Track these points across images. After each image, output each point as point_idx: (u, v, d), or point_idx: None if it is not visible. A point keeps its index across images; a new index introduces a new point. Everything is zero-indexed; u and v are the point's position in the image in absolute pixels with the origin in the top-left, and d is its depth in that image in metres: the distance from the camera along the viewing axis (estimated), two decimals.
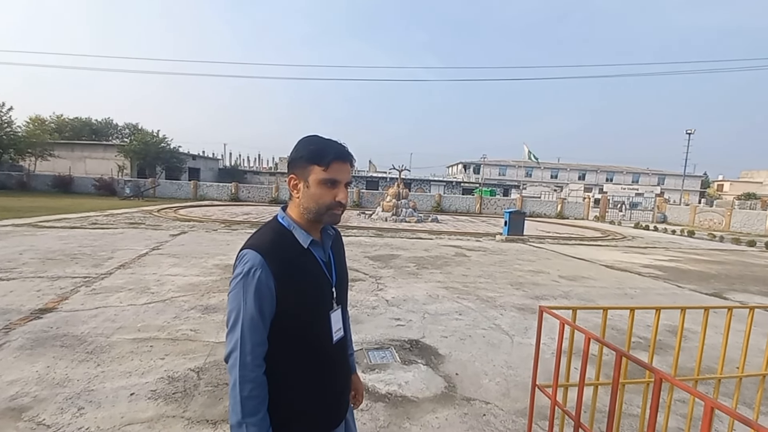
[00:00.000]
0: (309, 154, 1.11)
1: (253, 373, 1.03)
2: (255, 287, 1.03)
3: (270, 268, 1.04)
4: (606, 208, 31.48)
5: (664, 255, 12.28)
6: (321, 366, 1.17)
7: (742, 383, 2.76)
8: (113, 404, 2.73)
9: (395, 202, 18.92)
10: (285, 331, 1.09)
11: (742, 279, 8.95)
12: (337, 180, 1.11)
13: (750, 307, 2.66)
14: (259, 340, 1.05)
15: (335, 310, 1.21)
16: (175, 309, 4.76)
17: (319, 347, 1.17)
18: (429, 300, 5.71)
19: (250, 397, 1.02)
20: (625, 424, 2.83)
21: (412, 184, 41.08)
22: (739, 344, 2.73)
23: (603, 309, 2.40)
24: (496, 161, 59.85)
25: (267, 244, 1.09)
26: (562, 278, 7.83)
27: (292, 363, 1.12)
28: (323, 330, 1.17)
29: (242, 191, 29.94)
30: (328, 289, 1.19)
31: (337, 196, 1.12)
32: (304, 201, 1.13)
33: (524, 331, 4.61)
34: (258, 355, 1.05)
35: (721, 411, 1.30)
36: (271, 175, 48.79)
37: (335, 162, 1.10)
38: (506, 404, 3.05)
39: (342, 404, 1.28)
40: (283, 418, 1.10)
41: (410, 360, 3.71)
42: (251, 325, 1.03)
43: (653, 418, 1.53)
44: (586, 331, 1.91)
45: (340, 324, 1.23)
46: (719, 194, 59.05)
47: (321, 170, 1.09)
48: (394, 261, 8.62)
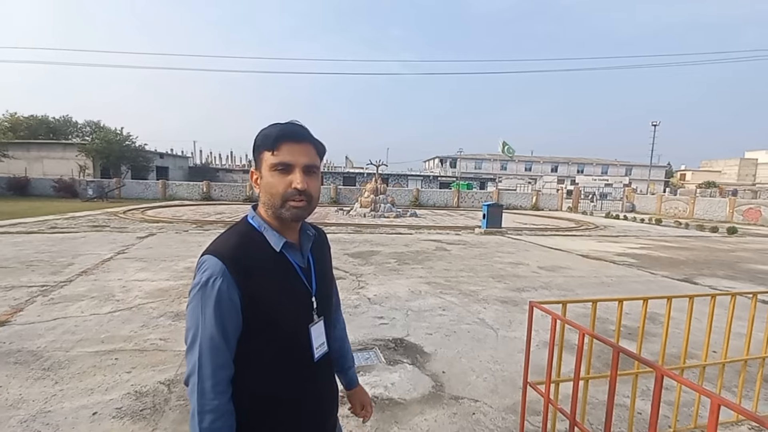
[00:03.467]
0: (259, 140, 0.99)
1: (215, 402, 0.89)
2: (215, 300, 0.88)
3: (233, 277, 0.90)
4: (578, 199, 32.41)
5: (635, 243, 12.69)
6: (300, 387, 1.02)
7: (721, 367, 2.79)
8: (73, 426, 2.49)
9: (373, 197, 18.77)
10: (254, 350, 0.95)
11: (709, 264, 9.33)
12: (288, 163, 0.95)
13: (732, 294, 2.68)
14: (222, 363, 0.90)
15: (316, 322, 1.04)
16: (142, 317, 4.46)
17: (298, 366, 1.01)
18: (412, 296, 5.62)
19: (212, 429, 0.88)
20: (614, 414, 2.81)
21: (390, 179, 40.96)
22: (716, 329, 2.75)
23: (592, 302, 2.35)
24: (472, 155, 60.59)
25: (230, 248, 0.94)
26: (541, 269, 7.92)
27: (264, 386, 0.97)
28: (301, 346, 1.01)
29: (214, 190, 29.07)
30: (307, 299, 1.03)
31: (292, 182, 0.95)
32: (262, 195, 0.99)
33: (508, 324, 4.58)
34: (220, 381, 0.90)
35: (727, 408, 1.24)
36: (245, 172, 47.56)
37: (284, 143, 0.95)
38: (495, 401, 2.99)
39: (326, 424, 1.12)
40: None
41: (395, 360, 3.60)
42: (211, 346, 0.89)
43: (655, 416, 1.47)
44: (580, 326, 1.84)
45: (322, 339, 1.07)
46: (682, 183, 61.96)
47: (270, 155, 0.96)
48: (375, 257, 8.50)
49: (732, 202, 24.63)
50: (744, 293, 2.77)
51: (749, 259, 10.21)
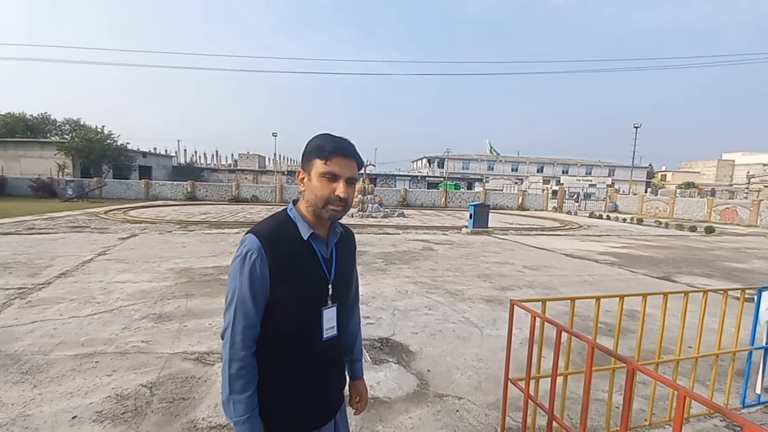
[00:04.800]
0: (312, 149, 1.14)
1: (242, 353, 1.08)
2: (249, 270, 1.07)
3: (266, 254, 1.08)
4: (563, 199, 32.96)
5: (617, 242, 12.98)
6: (307, 360, 1.17)
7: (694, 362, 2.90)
8: (52, 430, 2.44)
9: (361, 197, 18.77)
10: (276, 318, 1.12)
11: (687, 262, 9.62)
12: (336, 174, 1.12)
13: (704, 290, 2.78)
14: (250, 323, 1.09)
15: (329, 307, 1.20)
16: (124, 319, 4.39)
17: (308, 341, 1.17)
18: (398, 296, 5.65)
19: (238, 375, 1.07)
20: (592, 409, 2.89)
21: (378, 179, 41.00)
22: (690, 325, 2.85)
23: (571, 299, 2.42)
24: (459, 155, 61.04)
25: (267, 230, 1.13)
26: (526, 268, 8.05)
27: (278, 351, 1.14)
28: (313, 324, 1.17)
29: (199, 190, 28.59)
30: (324, 284, 1.19)
31: (336, 190, 1.13)
32: (307, 194, 1.16)
33: (493, 323, 4.65)
34: (248, 336, 1.09)
35: (693, 399, 1.30)
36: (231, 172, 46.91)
37: (335, 156, 1.12)
38: (478, 398, 3.04)
39: (330, 403, 1.27)
40: (268, 404, 1.12)
41: (381, 359, 3.62)
42: (243, 307, 1.08)
43: (626, 408, 1.52)
44: (558, 323, 1.89)
45: (333, 322, 1.22)
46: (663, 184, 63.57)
47: (322, 163, 1.12)
48: (362, 257, 8.50)
49: (710, 202, 25.39)
50: (715, 290, 2.87)
51: (725, 258, 10.55)
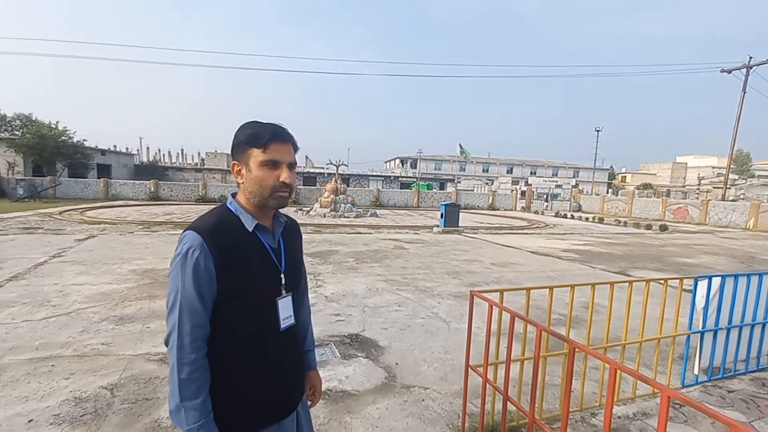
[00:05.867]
0: (246, 138, 1.11)
1: (192, 356, 1.02)
2: (193, 268, 1.02)
3: (210, 250, 1.04)
4: (531, 199, 34.11)
5: (579, 240, 13.61)
6: (266, 352, 1.15)
7: (642, 347, 3.14)
8: None
9: (333, 197, 18.71)
10: (228, 314, 1.08)
11: (642, 258, 10.23)
12: (277, 161, 1.11)
13: (646, 280, 3.02)
14: (199, 323, 1.04)
15: (284, 297, 1.19)
16: (82, 322, 4.22)
17: (265, 333, 1.15)
18: (369, 293, 5.72)
19: (189, 380, 1.02)
20: (549, 393, 3.07)
21: (351, 179, 40.93)
22: (640, 314, 3.08)
23: (526, 290, 2.57)
24: (432, 156, 61.85)
25: (209, 225, 1.09)
26: (493, 265, 8.32)
27: (235, 348, 1.11)
28: (269, 316, 1.15)
29: (163, 189, 27.48)
30: (276, 274, 1.17)
31: (280, 176, 1.11)
32: (248, 186, 1.13)
33: (460, 317, 4.81)
34: (197, 338, 1.04)
35: (623, 372, 1.45)
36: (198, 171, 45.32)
37: (273, 142, 1.10)
38: (444, 387, 3.16)
39: (291, 395, 1.25)
40: (224, 404, 1.09)
41: (350, 354, 3.68)
42: (189, 307, 1.02)
43: (569, 384, 1.66)
44: (511, 310, 2.02)
45: (289, 311, 1.20)
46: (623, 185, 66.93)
47: (260, 152, 1.10)
48: (333, 256, 8.52)
49: (664, 202, 27.02)
50: (655, 279, 3.12)
51: (676, 253, 11.30)
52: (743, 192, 39.62)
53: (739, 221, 22.08)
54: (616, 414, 2.83)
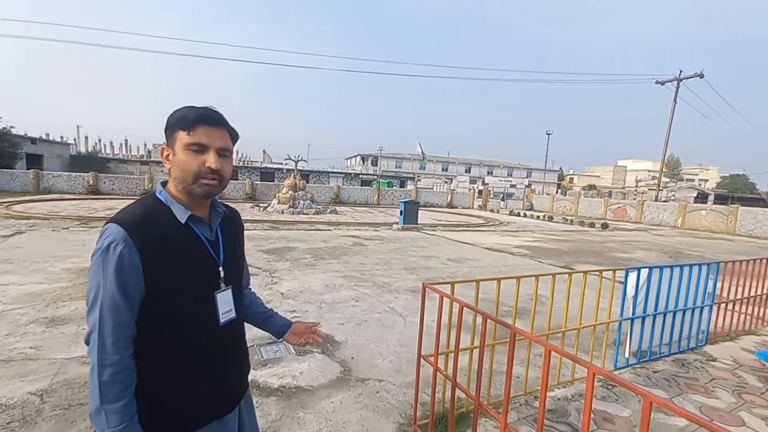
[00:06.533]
0: (174, 120, 1.06)
1: (115, 356, 0.96)
2: (116, 264, 0.96)
3: (135, 244, 0.97)
4: (487, 198, 35.38)
5: (530, 237, 14.32)
6: (204, 349, 1.10)
7: (580, 334, 3.37)
8: None
9: (292, 193, 18.33)
10: (159, 312, 1.02)
11: (585, 253, 10.97)
12: (203, 144, 1.05)
13: (584, 272, 3.24)
14: (123, 322, 0.97)
15: (223, 290, 1.14)
16: (8, 325, 3.85)
17: (203, 329, 1.10)
18: (326, 290, 5.69)
19: (112, 381, 0.96)
20: (498, 380, 3.22)
21: (310, 175, 40.19)
22: (584, 304, 3.32)
23: (476, 281, 2.68)
24: (392, 154, 62.30)
25: (134, 217, 1.01)
26: (450, 261, 8.56)
27: (169, 346, 1.05)
28: (206, 311, 1.10)
29: (104, 183, 25.30)
30: (213, 268, 1.12)
31: (206, 162, 1.05)
32: (173, 171, 1.07)
33: (416, 311, 4.91)
34: (121, 338, 0.97)
35: (555, 352, 1.56)
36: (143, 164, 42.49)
37: (200, 125, 1.05)
38: (398, 379, 3.22)
39: (232, 391, 1.21)
40: (158, 404, 1.04)
41: (306, 350, 3.65)
42: (112, 305, 0.96)
43: (510, 368, 1.76)
44: (459, 300, 2.10)
45: (230, 306, 1.16)
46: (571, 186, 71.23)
47: (185, 134, 1.04)
48: (291, 253, 8.37)
49: (606, 202, 29.07)
50: (591, 271, 3.37)
51: (615, 249, 12.21)
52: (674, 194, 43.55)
53: (669, 220, 24.27)
54: (556, 396, 3.03)
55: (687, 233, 19.98)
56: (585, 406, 1.29)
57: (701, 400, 3.07)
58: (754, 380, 3.47)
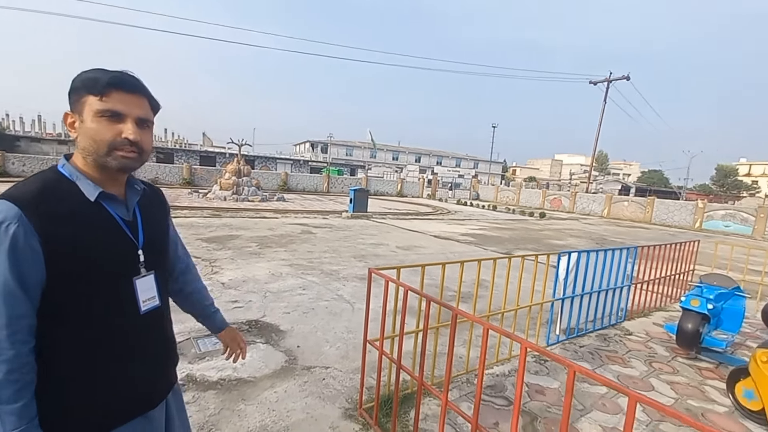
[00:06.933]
0: (81, 83, 0.93)
1: (11, 351, 0.85)
2: (9, 246, 0.84)
3: (31, 224, 0.85)
4: (436, 187, 36.31)
5: (476, 225, 14.95)
6: (121, 339, 1.00)
7: (518, 314, 3.58)
8: None
9: (235, 179, 17.44)
10: (66, 300, 0.91)
11: (525, 240, 11.67)
12: (119, 112, 0.94)
13: (521, 257, 3.43)
14: (20, 313, 0.86)
15: (143, 276, 1.04)
16: None
17: (120, 318, 1.00)
18: (272, 278, 5.51)
19: (7, 381, 0.84)
20: (443, 361, 3.31)
21: (256, 161, 38.46)
22: (521, 287, 3.51)
23: (421, 266, 2.72)
24: (343, 142, 61.57)
25: (30, 194, 0.89)
26: (399, 248, 8.68)
27: (79, 338, 0.94)
28: (123, 298, 1.00)
29: (12, 163, 22.07)
30: (131, 251, 1.02)
31: (122, 132, 0.94)
32: (81, 141, 0.95)
33: (364, 298, 4.90)
34: (18, 331, 0.86)
35: (493, 330, 1.63)
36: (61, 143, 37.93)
37: (114, 90, 0.93)
38: (345, 365, 3.21)
39: (157, 384, 1.12)
40: (63, 405, 0.93)
41: (248, 341, 3.51)
42: (5, 293, 0.84)
43: (451, 347, 1.81)
44: (404, 284, 2.12)
45: (152, 292, 1.06)
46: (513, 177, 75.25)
47: (96, 100, 0.92)
48: (234, 242, 8.00)
49: (544, 193, 31.12)
50: (527, 255, 3.58)
51: (551, 236, 13.13)
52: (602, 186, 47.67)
53: (597, 210, 26.57)
54: (495, 372, 3.20)
55: (612, 222, 22.03)
56: (518, 378, 1.36)
57: (619, 370, 3.41)
58: (662, 350, 3.91)
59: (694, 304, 3.57)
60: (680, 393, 3.09)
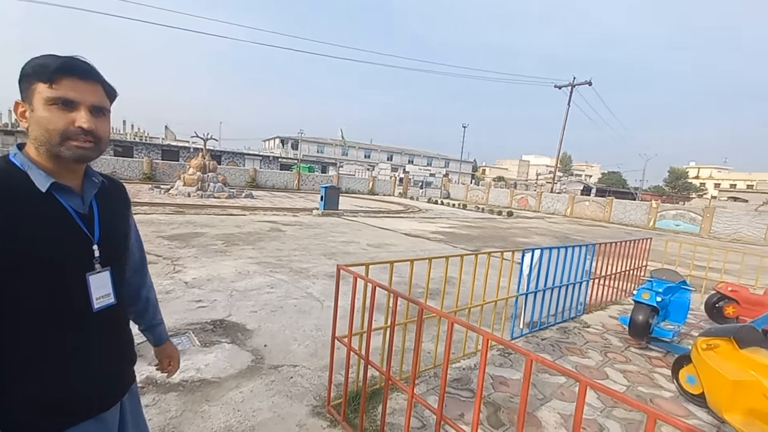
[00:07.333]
0: (31, 69, 0.90)
1: None
2: None
3: None
4: (408, 185, 36.61)
5: (446, 223, 15.20)
6: (74, 338, 0.96)
7: (484, 309, 3.67)
8: None
9: (200, 175, 16.82)
10: (12, 295, 0.87)
11: (493, 238, 11.99)
12: (71, 99, 0.90)
13: (487, 253, 3.52)
14: None
15: (98, 272, 1.00)
16: None
17: (71, 315, 0.96)
18: (238, 277, 5.38)
19: None
20: (410, 357, 3.36)
21: (223, 156, 37.15)
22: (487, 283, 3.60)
23: (390, 263, 2.75)
24: (314, 138, 60.76)
25: None
26: (369, 246, 8.69)
27: (27, 335, 0.90)
28: (75, 295, 0.96)
29: None
30: (85, 245, 0.98)
31: (76, 120, 0.90)
32: (32, 130, 0.91)
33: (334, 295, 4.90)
34: None
35: (457, 323, 1.67)
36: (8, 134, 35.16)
37: (65, 77, 0.89)
38: (314, 363, 3.19)
39: (112, 384, 1.07)
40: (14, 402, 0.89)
41: (212, 341, 3.41)
42: None
43: (418, 341, 1.84)
44: (372, 280, 2.13)
45: (107, 289, 1.02)
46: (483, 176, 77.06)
47: (46, 87, 0.89)
48: (198, 239, 7.73)
49: (512, 192, 32.07)
50: (493, 251, 3.69)
51: (517, 234, 13.57)
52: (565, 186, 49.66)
53: (561, 209, 27.69)
54: (461, 366, 3.28)
55: (574, 221, 23.03)
56: (480, 368, 1.40)
57: (577, 360, 3.58)
58: (617, 341, 4.15)
59: (644, 297, 3.81)
60: (632, 380, 3.29)
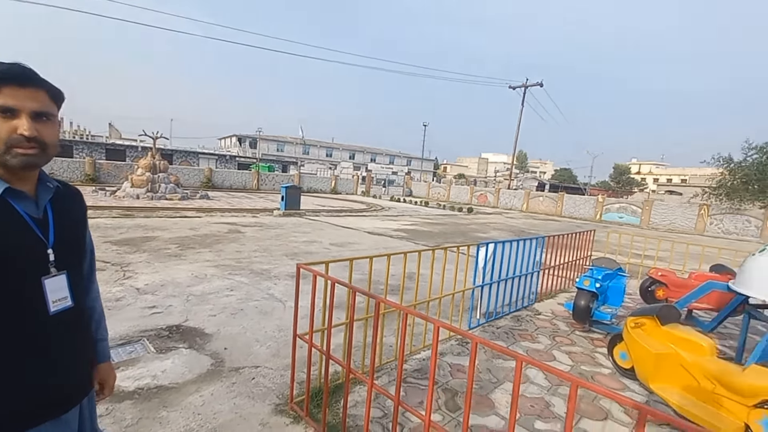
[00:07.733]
0: None
1: None
2: None
3: None
4: (370, 184, 36.73)
5: (408, 221, 15.45)
6: (26, 342, 0.97)
7: (443, 302, 3.83)
8: None
9: (150, 175, 15.93)
10: None
11: (453, 234, 12.36)
12: (12, 107, 0.91)
13: (444, 248, 3.68)
14: None
15: (53, 276, 1.01)
16: None
17: (27, 318, 0.97)
18: (195, 281, 5.21)
19: None
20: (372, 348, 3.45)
21: (175, 155, 35.29)
22: (445, 277, 3.76)
23: (349, 260, 2.81)
24: (273, 137, 59.31)
25: None
26: (332, 245, 8.68)
27: None
28: (30, 299, 0.97)
29: None
30: (39, 249, 0.99)
31: (18, 128, 0.91)
32: None
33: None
34: None
35: (411, 314, 1.76)
36: None
37: (5, 85, 0.91)
38: (276, 363, 3.19)
39: (69, 388, 1.08)
40: None
41: (169, 347, 3.31)
42: None
43: (375, 334, 1.92)
44: (331, 277, 2.18)
45: (63, 293, 1.03)
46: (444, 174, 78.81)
47: None
48: (150, 243, 7.38)
49: (471, 189, 33.10)
50: (449, 247, 3.86)
51: (476, 229, 14.06)
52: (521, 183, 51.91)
53: (518, 205, 28.98)
54: (422, 357, 3.41)
55: (530, 216, 24.18)
56: (432, 351, 1.50)
57: (528, 345, 3.83)
58: (564, 326, 4.46)
59: (585, 284, 4.14)
60: (576, 360, 3.58)
